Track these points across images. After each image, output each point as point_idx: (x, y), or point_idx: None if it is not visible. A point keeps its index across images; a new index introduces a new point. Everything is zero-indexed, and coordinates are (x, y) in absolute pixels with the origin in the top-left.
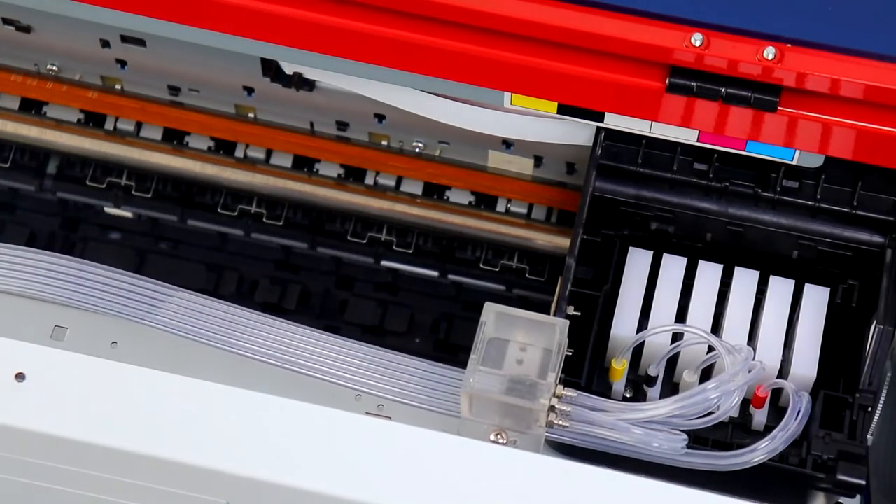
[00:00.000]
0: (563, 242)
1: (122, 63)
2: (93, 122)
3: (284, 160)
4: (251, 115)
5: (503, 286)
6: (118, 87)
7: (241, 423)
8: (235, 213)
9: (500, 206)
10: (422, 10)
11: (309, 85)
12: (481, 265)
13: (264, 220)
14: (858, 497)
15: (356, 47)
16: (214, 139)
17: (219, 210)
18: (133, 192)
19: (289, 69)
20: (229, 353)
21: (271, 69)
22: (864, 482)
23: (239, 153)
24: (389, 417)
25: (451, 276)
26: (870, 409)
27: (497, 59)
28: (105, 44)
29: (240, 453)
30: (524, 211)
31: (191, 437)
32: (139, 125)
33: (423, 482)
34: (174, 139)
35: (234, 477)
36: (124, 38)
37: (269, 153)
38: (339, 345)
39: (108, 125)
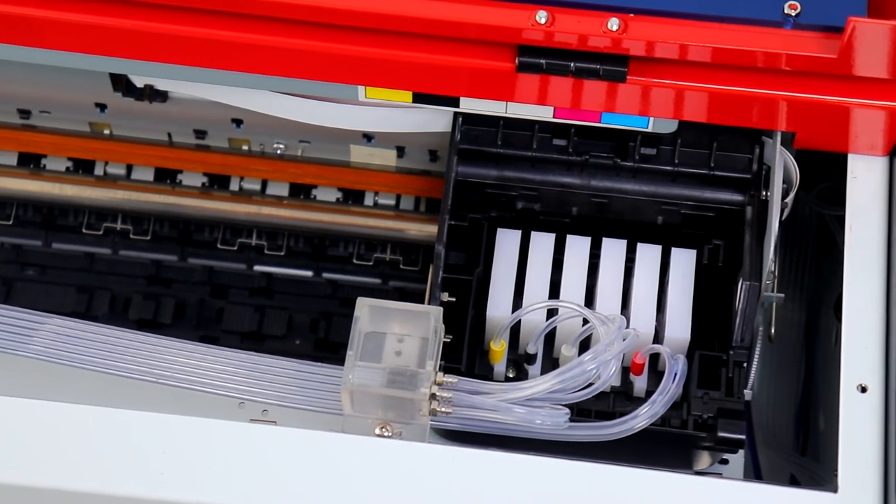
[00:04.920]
0: (433, 230)
1: None
2: None
3: (146, 174)
4: (107, 131)
5: (379, 279)
6: None
7: (126, 443)
8: (101, 232)
9: (368, 200)
10: (265, 11)
11: (162, 96)
12: (355, 260)
13: (131, 236)
14: (741, 452)
15: (203, 54)
16: (72, 159)
17: (83, 230)
18: None
19: (139, 82)
20: (108, 375)
21: (121, 83)
22: (743, 437)
23: (98, 171)
24: (275, 422)
25: (325, 275)
26: (745, 364)
27: (346, 54)
28: None
29: (129, 475)
30: (392, 202)
31: (78, 463)
32: None
33: (312, 482)
34: (30, 163)
35: (127, 499)
36: None
37: (129, 168)
38: (216, 355)
39: None
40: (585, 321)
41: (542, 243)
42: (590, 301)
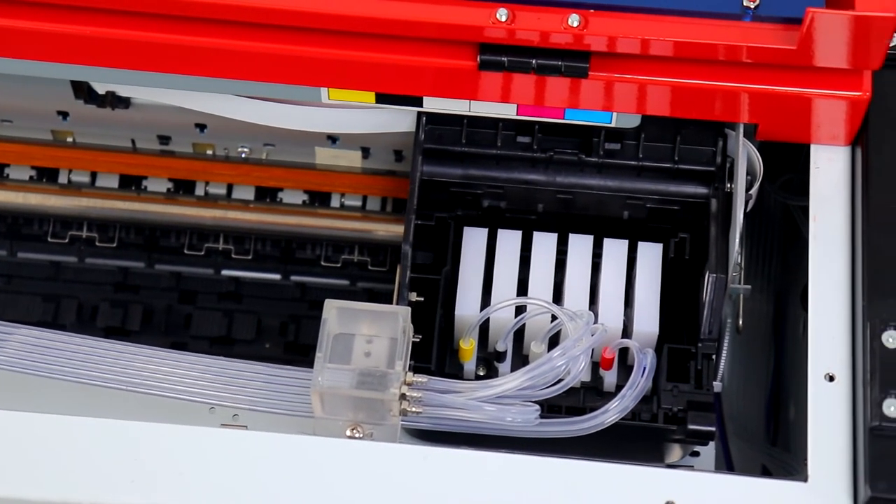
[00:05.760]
0: (400, 230)
1: None
2: None
3: (110, 181)
4: (70, 139)
5: (347, 281)
6: None
7: (97, 451)
8: (66, 241)
9: (335, 202)
10: (226, 15)
11: (124, 102)
12: (322, 263)
13: (97, 243)
14: (712, 444)
15: (164, 59)
16: (35, 168)
17: (49, 239)
18: None
19: (101, 89)
20: (78, 383)
21: (83, 91)
22: (713, 429)
23: (62, 179)
24: (245, 426)
25: (293, 278)
26: (713, 356)
27: (308, 56)
28: None
29: (100, 482)
30: (359, 204)
31: (48, 472)
32: None
33: (285, 486)
34: None
35: None
36: None
37: (93, 175)
38: (186, 361)
39: None
40: (554, 317)
41: (509, 241)
42: (558, 297)
